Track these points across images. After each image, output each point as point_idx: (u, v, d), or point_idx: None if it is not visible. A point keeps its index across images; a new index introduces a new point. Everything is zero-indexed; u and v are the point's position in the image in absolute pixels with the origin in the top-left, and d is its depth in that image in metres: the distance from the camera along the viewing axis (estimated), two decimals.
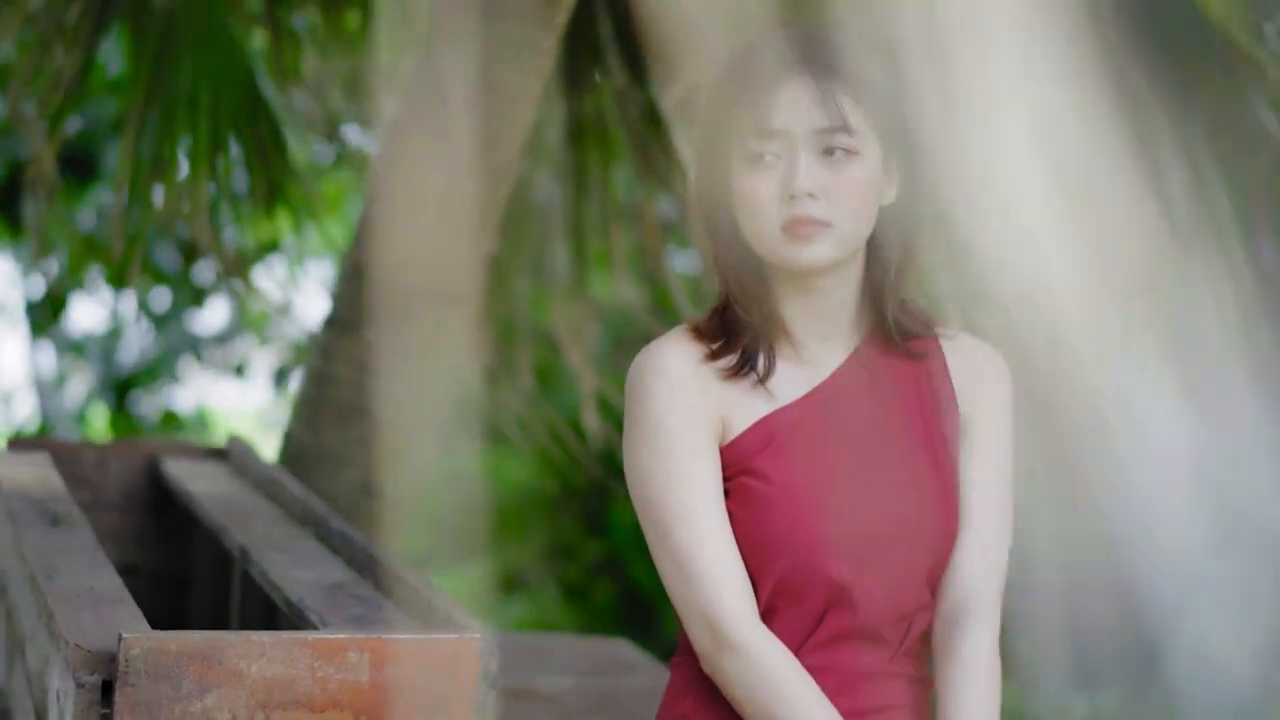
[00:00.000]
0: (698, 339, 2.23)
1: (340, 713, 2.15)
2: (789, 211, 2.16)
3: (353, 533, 2.80)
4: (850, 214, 2.16)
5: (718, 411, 2.20)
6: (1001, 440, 2.28)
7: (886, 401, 2.25)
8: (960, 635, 2.23)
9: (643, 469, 2.20)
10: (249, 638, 2.12)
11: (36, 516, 2.95)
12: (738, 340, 2.22)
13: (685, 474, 2.18)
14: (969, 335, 2.32)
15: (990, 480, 2.27)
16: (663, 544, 2.19)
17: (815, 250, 2.16)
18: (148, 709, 2.09)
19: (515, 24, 3.75)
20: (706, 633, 2.17)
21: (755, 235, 2.19)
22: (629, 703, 3.37)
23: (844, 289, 2.24)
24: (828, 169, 2.16)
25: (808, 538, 2.17)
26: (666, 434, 2.19)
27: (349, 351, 3.84)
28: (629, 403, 2.22)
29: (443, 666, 2.18)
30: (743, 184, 2.18)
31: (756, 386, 2.22)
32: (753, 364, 2.21)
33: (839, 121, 2.15)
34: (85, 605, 2.36)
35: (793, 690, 2.14)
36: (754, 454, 2.19)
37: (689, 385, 2.20)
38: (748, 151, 2.17)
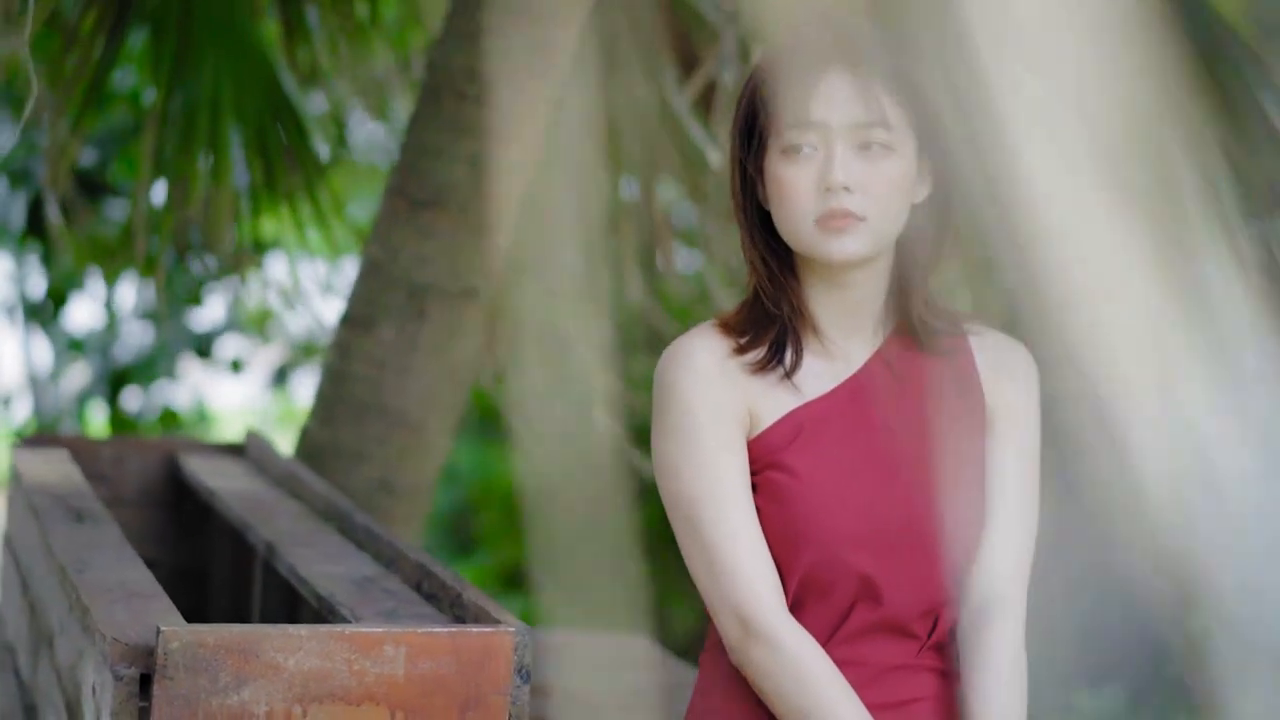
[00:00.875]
0: (725, 333, 2.25)
1: (376, 706, 2.16)
2: (824, 204, 2.17)
3: (378, 528, 2.81)
4: (884, 209, 2.18)
5: (745, 405, 2.22)
6: (1028, 435, 2.30)
7: (913, 397, 2.26)
8: (986, 629, 2.25)
9: (671, 462, 2.22)
10: (286, 631, 2.13)
11: (61, 512, 2.96)
12: (765, 334, 2.24)
13: (713, 467, 2.20)
14: (995, 332, 2.34)
15: (1016, 475, 2.29)
16: (692, 537, 2.21)
17: (848, 243, 2.18)
18: (185, 702, 2.10)
19: (532, 22, 3.75)
20: (736, 625, 2.18)
21: (789, 226, 2.21)
22: (652, 698, 3.38)
23: (872, 285, 2.25)
24: (864, 163, 2.17)
25: (834, 531, 2.19)
26: (695, 428, 2.20)
27: (366, 349, 3.84)
28: (657, 397, 2.23)
29: (477, 660, 2.19)
30: (778, 175, 2.20)
31: (783, 380, 2.23)
32: (780, 358, 2.23)
33: (878, 116, 2.17)
34: (119, 599, 2.37)
35: (821, 683, 2.16)
36: (781, 448, 2.21)
37: (716, 379, 2.21)
38: (785, 143, 2.19)
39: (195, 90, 4.09)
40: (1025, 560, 2.28)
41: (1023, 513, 2.28)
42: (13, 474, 3.47)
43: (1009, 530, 2.27)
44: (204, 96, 4.08)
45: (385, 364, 3.83)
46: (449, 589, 2.44)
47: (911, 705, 2.24)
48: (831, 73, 2.19)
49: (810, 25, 2.24)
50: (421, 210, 3.80)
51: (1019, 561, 2.27)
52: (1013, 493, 2.28)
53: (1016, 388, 2.30)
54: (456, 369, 3.88)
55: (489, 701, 2.19)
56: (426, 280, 3.81)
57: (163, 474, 3.75)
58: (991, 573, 2.26)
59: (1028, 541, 2.28)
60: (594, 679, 3.49)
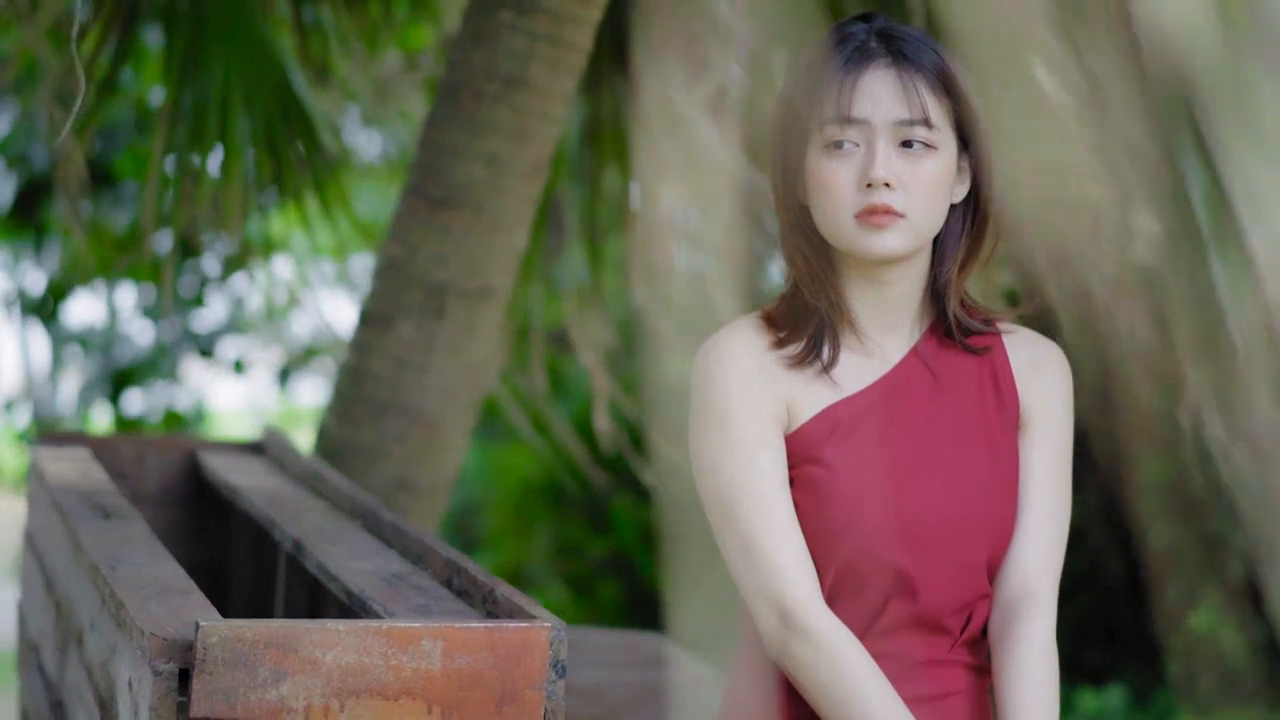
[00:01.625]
0: (764, 327, 2.26)
1: (413, 701, 2.17)
2: (865, 200, 2.19)
3: (405, 524, 2.82)
4: (924, 207, 2.20)
5: (783, 400, 2.23)
6: (1060, 433, 2.32)
7: (948, 393, 2.28)
8: (1018, 623, 2.26)
9: (709, 456, 2.23)
10: (324, 626, 2.14)
11: (87, 510, 2.97)
12: (804, 329, 2.25)
13: (751, 461, 2.21)
14: (1028, 330, 2.35)
15: (1048, 472, 2.31)
16: (730, 530, 2.22)
17: (888, 239, 2.20)
18: (224, 696, 2.11)
19: (548, 20, 3.76)
20: (774, 617, 2.19)
21: (829, 222, 2.22)
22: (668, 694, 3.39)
23: (910, 281, 2.27)
24: (905, 161, 2.19)
25: (870, 526, 2.20)
26: (733, 422, 2.22)
27: (384, 347, 3.85)
28: (695, 391, 2.25)
29: (513, 655, 2.20)
30: (820, 170, 2.21)
31: (821, 375, 2.25)
32: (818, 352, 2.24)
33: (920, 115, 2.19)
34: (153, 595, 2.38)
35: (858, 675, 2.17)
36: (818, 443, 2.22)
37: (754, 374, 2.23)
38: (826, 139, 2.21)
39: (205, 88, 4.10)
40: (1057, 557, 2.29)
41: (1054, 510, 2.30)
42: (33, 472, 3.48)
43: (1040, 527, 2.29)
44: (214, 94, 4.09)
45: (404, 362, 3.84)
46: (481, 585, 2.45)
47: (944, 699, 2.26)
48: (874, 69, 2.20)
49: (851, 23, 2.26)
50: (439, 209, 3.82)
51: (1050, 558, 2.29)
52: (1044, 490, 2.30)
53: (1049, 386, 2.32)
54: (474, 367, 3.90)
55: (524, 696, 2.20)
56: (445, 279, 3.82)
57: (182, 472, 3.76)
58: (1023, 569, 2.28)
59: (1059, 538, 2.30)
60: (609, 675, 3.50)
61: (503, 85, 3.78)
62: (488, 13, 3.79)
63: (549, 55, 3.77)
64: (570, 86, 3.85)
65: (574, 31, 3.79)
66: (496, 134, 3.79)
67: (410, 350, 3.84)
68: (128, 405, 9.18)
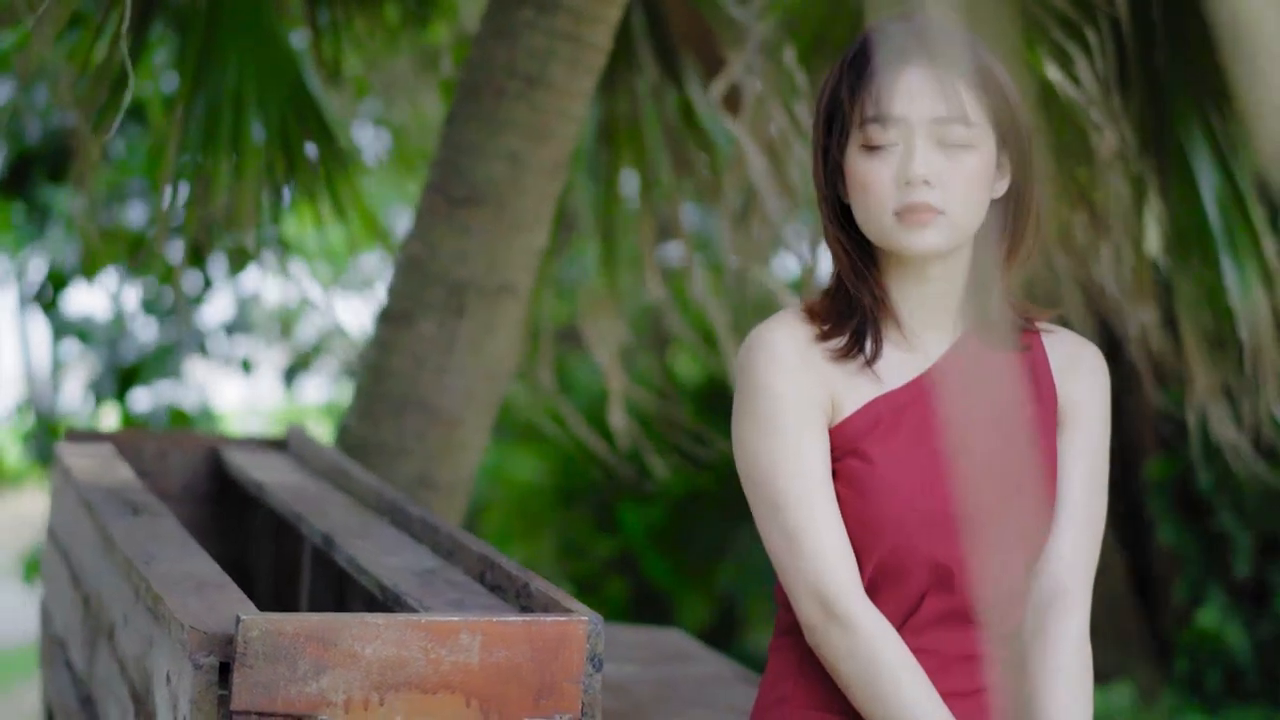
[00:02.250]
0: (808, 320, 2.28)
1: (452, 694, 2.18)
2: (904, 198, 2.21)
3: (435, 519, 2.83)
4: (963, 204, 2.21)
5: (826, 392, 2.25)
6: (1097, 433, 2.34)
7: (988, 390, 2.30)
8: (1052, 620, 2.28)
9: (753, 446, 2.25)
10: (364, 619, 2.15)
11: (117, 506, 2.98)
12: (847, 323, 2.27)
13: (795, 451, 2.23)
14: (1067, 331, 2.37)
15: (1085, 471, 2.33)
16: (772, 519, 2.24)
17: (928, 237, 2.21)
18: (265, 689, 2.12)
19: (568, 19, 3.77)
20: (816, 606, 2.21)
21: (869, 220, 2.24)
22: (693, 690, 3.39)
23: (951, 278, 2.28)
24: (944, 158, 2.21)
25: (911, 520, 2.22)
26: (777, 412, 2.24)
27: (405, 344, 3.86)
28: (740, 382, 2.27)
29: (551, 648, 2.21)
30: (859, 170, 2.23)
31: (864, 369, 2.27)
32: (861, 346, 2.26)
33: (958, 112, 2.20)
34: (190, 590, 2.39)
35: (897, 667, 2.19)
36: (861, 436, 2.24)
37: (798, 365, 2.25)
38: (865, 137, 2.22)
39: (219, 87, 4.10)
40: (1091, 556, 2.32)
41: (1089, 509, 2.32)
42: (58, 469, 3.49)
43: (1076, 525, 2.31)
44: (227, 93, 4.10)
45: (424, 360, 3.85)
46: (515, 579, 2.47)
47: (980, 694, 2.27)
48: (911, 68, 2.22)
49: (890, 21, 2.27)
50: (460, 207, 3.83)
51: (1084, 556, 2.31)
52: (1080, 489, 2.32)
53: (1087, 387, 2.34)
54: (494, 365, 3.91)
55: (562, 689, 2.22)
56: (465, 277, 3.84)
57: (205, 468, 3.77)
58: (1057, 566, 2.30)
59: (1094, 537, 2.32)
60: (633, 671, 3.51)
61: (523, 83, 3.79)
62: (508, 11, 3.80)
63: (569, 54, 3.78)
64: (590, 85, 3.86)
65: (594, 30, 3.80)
66: (517, 132, 3.80)
67: (431, 348, 3.85)
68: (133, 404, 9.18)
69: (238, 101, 4.10)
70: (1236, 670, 7.18)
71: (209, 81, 4.12)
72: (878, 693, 2.19)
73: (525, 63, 3.79)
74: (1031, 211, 2.29)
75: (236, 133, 4.13)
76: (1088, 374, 2.35)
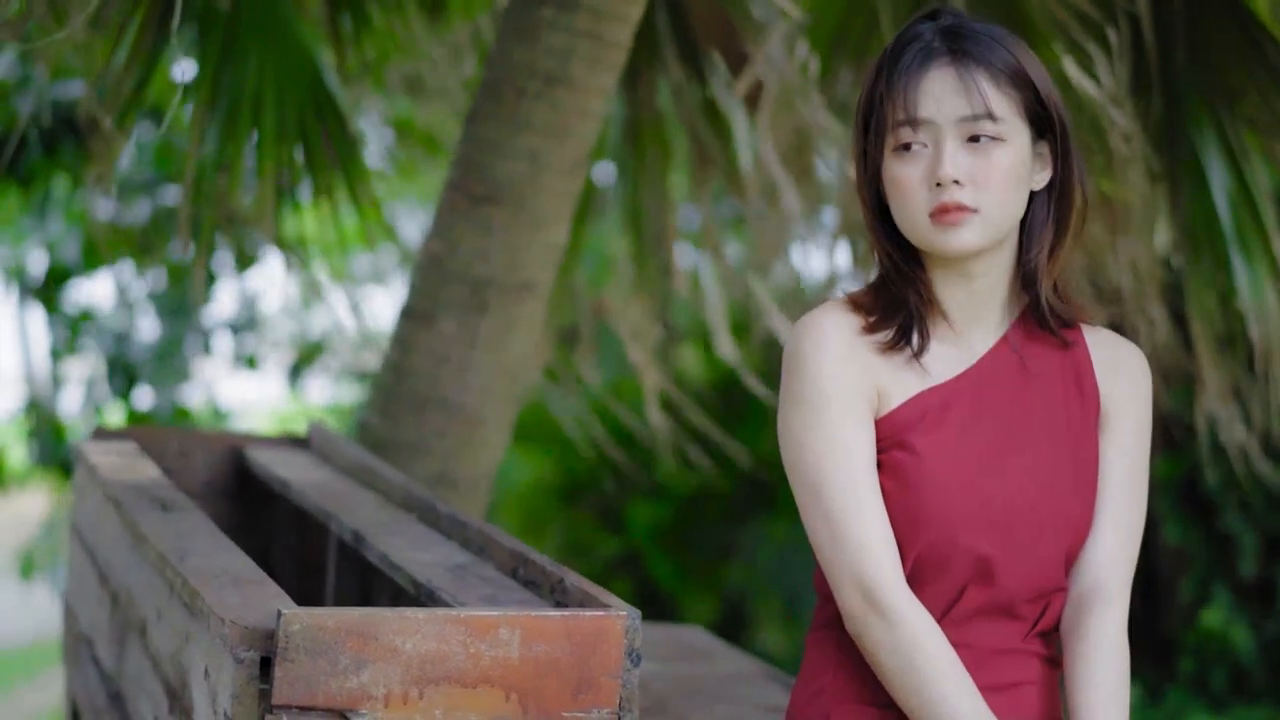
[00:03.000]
0: (855, 311, 2.29)
1: (491, 688, 2.19)
2: (936, 199, 2.22)
3: (464, 516, 2.84)
4: (997, 200, 2.22)
5: (873, 383, 2.26)
6: (1138, 432, 2.35)
7: (1033, 386, 2.31)
8: (1091, 616, 2.29)
9: (798, 435, 2.26)
10: (404, 614, 2.16)
11: (145, 503, 2.99)
12: (894, 315, 2.28)
13: (841, 441, 2.23)
14: (1108, 330, 2.38)
15: (1125, 470, 2.34)
16: (816, 508, 2.24)
17: (963, 236, 2.22)
18: (306, 684, 2.13)
19: (589, 17, 3.78)
20: (857, 596, 2.22)
21: (905, 222, 2.25)
22: (717, 687, 3.41)
23: (995, 274, 2.29)
24: (973, 156, 2.22)
25: (954, 512, 2.23)
26: (823, 400, 2.24)
27: (426, 342, 3.87)
28: (786, 371, 2.27)
29: (589, 643, 2.22)
30: (892, 172, 2.24)
31: (911, 362, 2.28)
32: (907, 340, 2.27)
33: (982, 109, 2.21)
34: (226, 585, 2.40)
35: (936, 659, 2.20)
36: (907, 429, 2.25)
37: (846, 355, 2.26)
38: (896, 141, 2.24)
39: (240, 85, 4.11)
40: (1131, 554, 2.33)
41: (1129, 508, 2.33)
42: (82, 466, 3.50)
43: (1116, 523, 2.32)
44: (248, 91, 4.10)
45: (445, 358, 3.86)
46: (549, 574, 2.47)
47: (1015, 689, 2.28)
48: (935, 69, 2.23)
49: (919, 22, 2.28)
50: (481, 205, 3.84)
51: (1124, 554, 2.32)
52: (1121, 488, 2.33)
53: (1130, 386, 2.35)
54: (514, 363, 3.92)
55: (600, 684, 2.22)
56: (486, 274, 3.85)
57: (226, 466, 3.78)
58: (1097, 563, 2.31)
59: (1133, 536, 2.33)
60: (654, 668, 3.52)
61: (543, 82, 3.80)
62: (529, 9, 3.81)
63: (590, 52, 3.79)
64: (610, 83, 3.87)
65: (615, 29, 3.81)
66: (537, 130, 3.81)
67: (452, 346, 3.86)
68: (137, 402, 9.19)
69: (257, 99, 4.11)
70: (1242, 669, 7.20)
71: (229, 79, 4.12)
72: (916, 684, 2.20)
73: (545, 61, 3.80)
74: (1074, 202, 2.30)
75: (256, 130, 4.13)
76: (1130, 374, 2.36)
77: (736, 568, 9.06)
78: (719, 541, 9.17)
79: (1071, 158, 2.28)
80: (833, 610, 2.31)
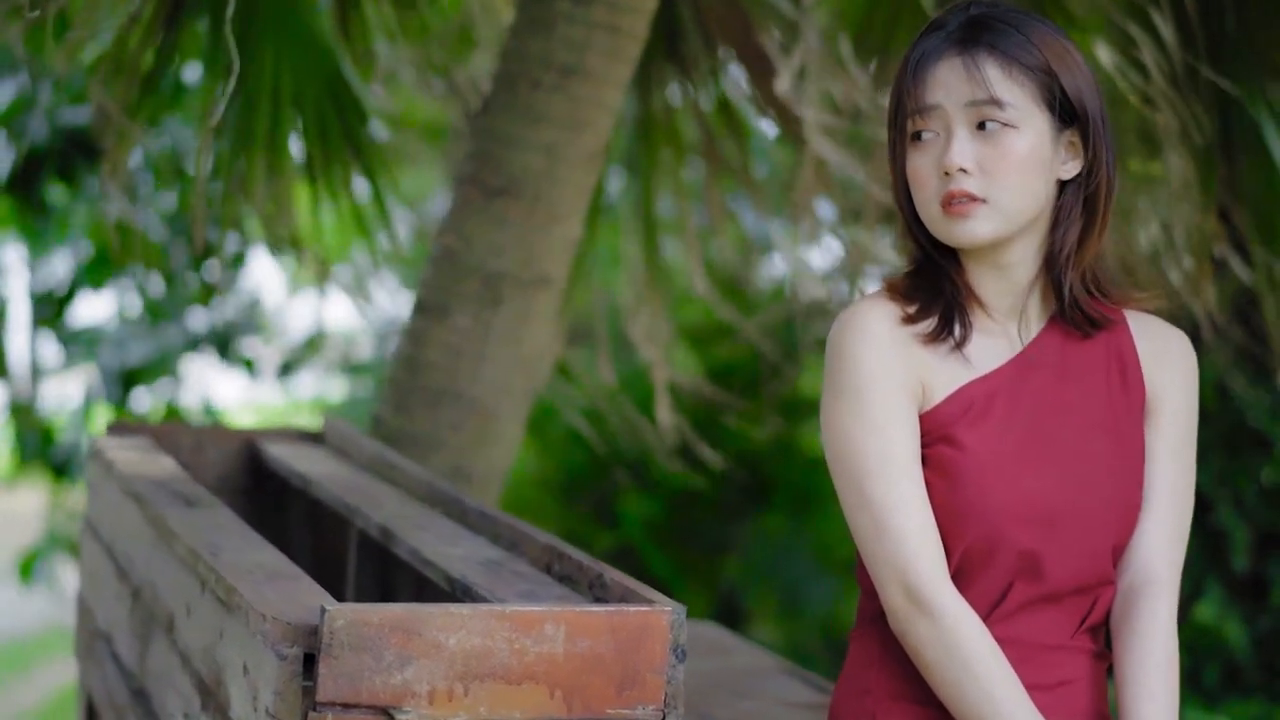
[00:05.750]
0: (895, 299, 2.26)
1: (536, 685, 2.16)
2: (944, 188, 2.19)
3: (493, 511, 2.82)
4: (1008, 188, 2.19)
5: (918, 375, 2.23)
6: (1185, 419, 2.32)
7: (1077, 375, 2.28)
8: (1139, 609, 2.27)
9: (842, 428, 2.23)
10: (449, 610, 2.13)
11: (168, 498, 2.96)
12: (934, 305, 2.26)
13: (886, 435, 2.21)
14: (1154, 317, 2.35)
15: (1172, 458, 2.31)
16: (860, 503, 2.22)
17: (972, 226, 2.20)
18: (350, 680, 2.10)
19: (605, 9, 3.76)
20: (901, 593, 2.19)
21: (923, 213, 2.24)
22: (737, 682, 3.38)
23: (1027, 264, 2.27)
24: (983, 143, 2.19)
25: (1000, 506, 2.20)
26: (868, 392, 2.21)
27: (440, 336, 3.85)
28: (830, 361, 2.24)
29: (634, 639, 2.19)
30: (909, 163, 2.23)
31: (954, 353, 2.25)
32: (950, 330, 2.24)
33: (985, 95, 2.18)
34: (262, 580, 2.37)
35: (982, 658, 2.17)
36: (952, 422, 2.22)
37: (891, 347, 2.23)
38: (911, 130, 2.22)
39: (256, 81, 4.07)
40: (1179, 543, 2.30)
41: (1177, 497, 2.31)
42: (98, 461, 3.46)
43: (1164, 514, 2.29)
44: (264, 87, 4.06)
45: (460, 352, 3.84)
46: (588, 570, 2.45)
47: (1066, 686, 2.25)
48: (946, 57, 2.21)
49: (947, 12, 2.26)
50: (496, 198, 3.81)
51: (1173, 544, 2.30)
52: (1168, 477, 2.30)
53: (1175, 373, 2.32)
54: (529, 357, 3.89)
55: (645, 680, 2.20)
56: (501, 268, 3.82)
57: (241, 461, 3.75)
58: (1145, 554, 2.28)
59: (1182, 525, 2.31)
60: None
61: (560, 74, 3.78)
62: (545, 1, 3.78)
63: (606, 44, 3.77)
64: (627, 74, 3.85)
65: (631, 20, 3.79)
66: (553, 123, 3.79)
67: (466, 340, 3.83)
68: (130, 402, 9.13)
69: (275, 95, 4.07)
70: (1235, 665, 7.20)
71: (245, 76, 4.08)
72: (961, 682, 2.17)
73: (562, 53, 3.77)
74: (1104, 193, 2.27)
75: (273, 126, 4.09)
76: (1176, 361, 2.33)
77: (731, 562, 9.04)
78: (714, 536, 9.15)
79: (1101, 147, 2.25)
80: (876, 606, 2.28)
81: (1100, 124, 2.25)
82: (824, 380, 2.25)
